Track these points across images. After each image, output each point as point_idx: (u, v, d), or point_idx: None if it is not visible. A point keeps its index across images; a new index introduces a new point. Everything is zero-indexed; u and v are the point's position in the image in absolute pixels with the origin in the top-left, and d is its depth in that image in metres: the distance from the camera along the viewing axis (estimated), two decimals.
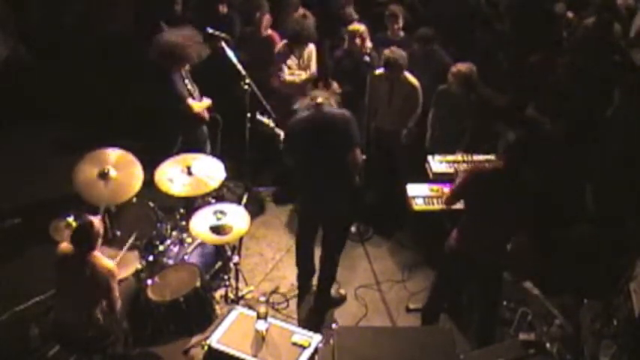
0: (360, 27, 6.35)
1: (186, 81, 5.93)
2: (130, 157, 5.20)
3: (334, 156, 4.87)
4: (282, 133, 5.36)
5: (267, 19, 6.79)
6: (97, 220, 4.34)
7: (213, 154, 5.94)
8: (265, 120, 5.65)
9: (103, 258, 4.32)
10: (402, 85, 6.02)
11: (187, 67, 5.92)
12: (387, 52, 5.94)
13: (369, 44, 6.36)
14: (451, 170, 5.37)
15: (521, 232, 4.67)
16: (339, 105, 5.07)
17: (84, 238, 4.27)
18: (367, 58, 6.20)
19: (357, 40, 6.28)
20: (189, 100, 5.90)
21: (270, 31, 6.84)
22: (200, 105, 5.97)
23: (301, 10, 7.12)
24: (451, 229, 4.80)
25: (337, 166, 4.90)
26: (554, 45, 6.77)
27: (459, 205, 4.78)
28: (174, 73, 5.81)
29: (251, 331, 4.29)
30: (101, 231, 4.34)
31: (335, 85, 6.27)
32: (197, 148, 5.89)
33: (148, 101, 6.27)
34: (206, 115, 6.07)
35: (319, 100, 4.91)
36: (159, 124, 6.15)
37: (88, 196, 4.97)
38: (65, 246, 4.37)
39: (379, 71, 6.10)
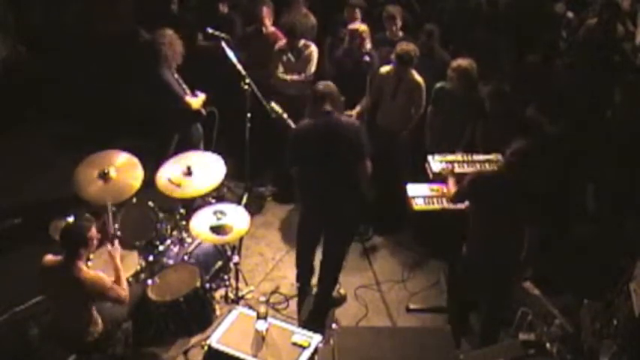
0: (360, 26, 6.36)
1: (179, 80, 5.95)
2: (130, 158, 5.20)
3: (341, 165, 4.80)
4: (293, 125, 5.30)
5: (266, 10, 6.77)
6: (94, 228, 4.26)
7: (208, 149, 5.94)
8: (278, 108, 5.61)
9: (89, 272, 4.23)
10: (408, 81, 6.03)
11: (174, 65, 5.95)
12: (398, 46, 5.94)
13: (368, 44, 6.37)
14: (448, 169, 5.35)
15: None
16: (341, 107, 5.03)
17: (74, 239, 4.19)
18: (367, 58, 6.21)
19: (357, 40, 6.29)
20: (187, 98, 5.91)
21: (273, 29, 6.84)
22: (197, 101, 5.99)
23: (304, 10, 7.14)
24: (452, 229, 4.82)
25: (343, 175, 4.83)
26: (554, 45, 6.77)
27: (461, 205, 4.82)
28: (166, 74, 5.82)
29: (251, 331, 4.28)
30: (94, 240, 4.27)
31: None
32: (191, 147, 5.90)
33: (147, 101, 6.27)
34: (203, 110, 6.08)
35: (328, 107, 4.80)
36: (157, 123, 6.15)
37: (88, 196, 4.96)
38: (50, 259, 4.30)
39: (386, 68, 6.11)
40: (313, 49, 6.47)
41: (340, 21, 7.08)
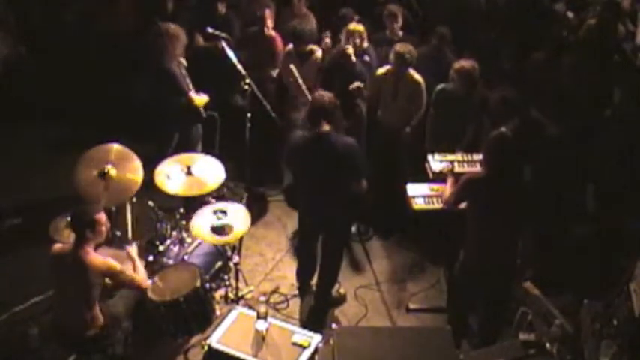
0: (358, 27, 6.35)
1: (185, 75, 5.96)
2: (130, 155, 5.20)
3: (334, 185, 4.81)
4: (307, 93, 5.22)
5: (269, 13, 6.77)
6: (103, 214, 4.32)
7: (209, 153, 5.95)
8: (296, 72, 5.55)
9: (97, 256, 4.28)
10: (408, 82, 6.03)
11: (183, 61, 5.96)
12: (397, 46, 5.94)
13: (365, 43, 6.36)
14: (448, 168, 5.35)
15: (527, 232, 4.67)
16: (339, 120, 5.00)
17: (81, 220, 4.23)
18: (367, 58, 6.20)
19: (357, 40, 6.28)
20: (191, 93, 5.91)
21: (273, 33, 6.84)
22: (200, 99, 5.99)
23: (303, 10, 7.13)
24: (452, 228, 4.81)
25: (338, 192, 4.85)
26: (554, 44, 6.77)
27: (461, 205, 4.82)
28: (172, 66, 5.84)
29: (251, 331, 4.29)
30: (103, 227, 4.30)
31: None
32: (189, 148, 5.90)
33: (148, 101, 6.27)
34: (203, 112, 6.07)
35: (326, 128, 4.74)
36: (158, 123, 6.14)
37: (88, 196, 4.96)
38: (59, 246, 4.35)
39: (383, 70, 6.10)
40: (319, 55, 6.45)
41: (341, 20, 7.07)
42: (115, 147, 5.19)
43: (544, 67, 6.27)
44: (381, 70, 6.17)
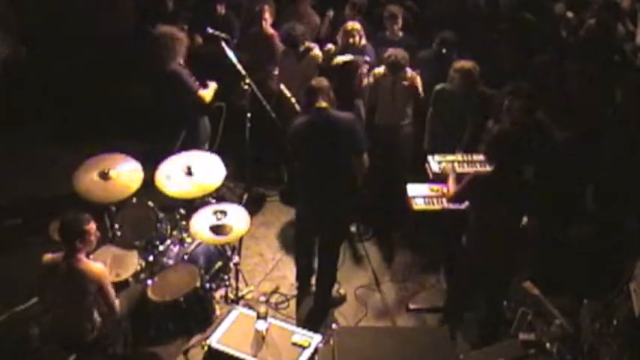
0: (355, 25, 6.34)
1: (189, 74, 5.94)
2: (130, 159, 5.20)
3: (336, 160, 4.81)
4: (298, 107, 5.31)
5: (267, 9, 6.77)
6: (92, 223, 4.28)
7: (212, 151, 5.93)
8: (287, 91, 5.58)
9: (91, 262, 4.27)
10: (404, 79, 6.02)
11: (182, 62, 5.93)
12: (389, 52, 5.94)
13: (363, 41, 6.35)
14: (448, 168, 5.35)
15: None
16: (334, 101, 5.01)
17: (70, 231, 4.19)
18: (367, 58, 6.20)
19: (357, 38, 6.28)
20: (200, 91, 5.89)
21: (272, 31, 6.84)
22: (209, 93, 5.95)
23: (308, 9, 7.13)
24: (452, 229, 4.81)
25: (338, 170, 4.84)
26: (554, 44, 6.77)
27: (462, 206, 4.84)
28: (177, 67, 5.80)
29: (251, 331, 4.29)
30: (93, 236, 4.27)
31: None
32: (197, 145, 5.89)
33: (149, 100, 6.26)
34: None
35: (323, 104, 4.82)
36: (160, 123, 6.13)
37: (88, 196, 4.96)
38: (49, 257, 4.30)
39: (379, 70, 6.10)
40: (317, 53, 6.44)
41: (341, 19, 7.09)
42: (116, 156, 5.20)
43: (545, 68, 6.26)
44: (377, 70, 6.14)
